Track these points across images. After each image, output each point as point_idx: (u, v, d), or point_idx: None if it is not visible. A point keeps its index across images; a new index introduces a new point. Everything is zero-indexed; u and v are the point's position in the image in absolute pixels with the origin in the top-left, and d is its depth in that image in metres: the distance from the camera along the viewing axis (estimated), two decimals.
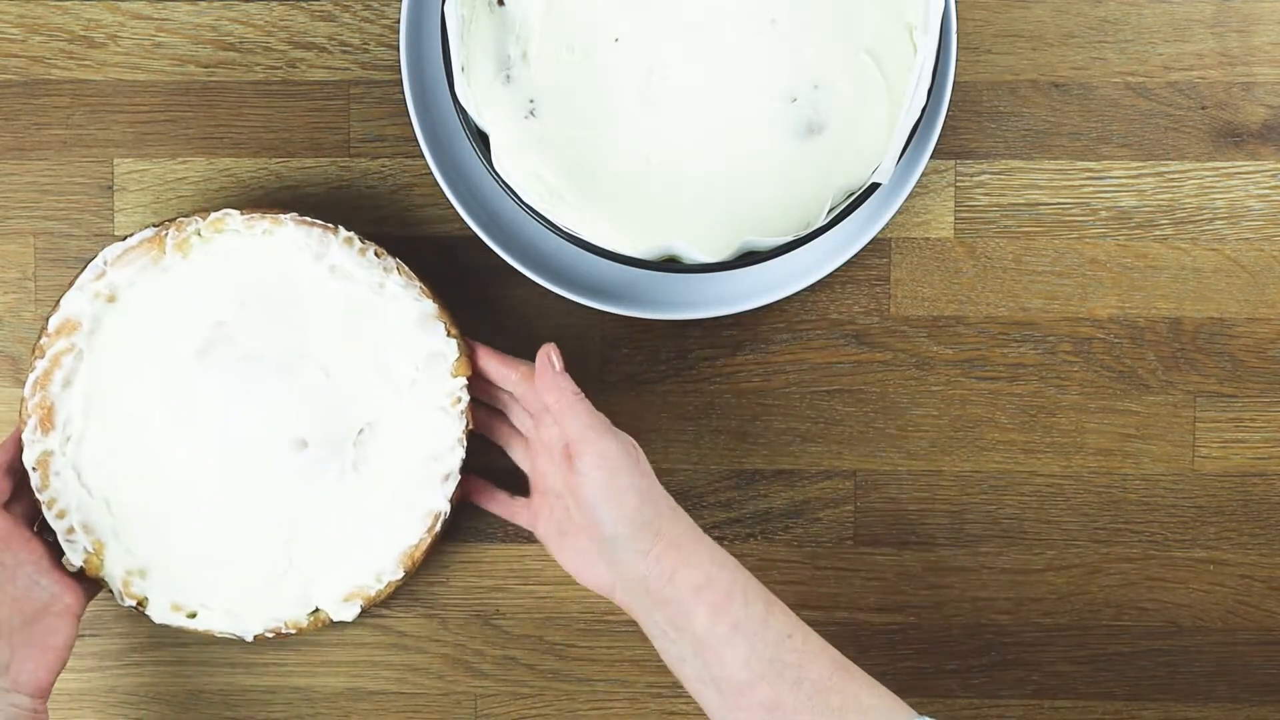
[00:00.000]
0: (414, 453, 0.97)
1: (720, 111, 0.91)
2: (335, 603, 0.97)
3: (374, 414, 0.97)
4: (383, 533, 0.97)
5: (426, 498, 0.97)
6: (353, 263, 0.95)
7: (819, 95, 0.91)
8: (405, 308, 0.96)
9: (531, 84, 0.91)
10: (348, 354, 0.96)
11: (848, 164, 0.91)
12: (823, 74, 0.91)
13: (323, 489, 0.97)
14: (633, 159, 0.91)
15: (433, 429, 0.96)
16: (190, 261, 0.96)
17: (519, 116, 0.91)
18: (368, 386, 0.96)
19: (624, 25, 0.91)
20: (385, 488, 0.97)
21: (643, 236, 0.91)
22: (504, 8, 0.91)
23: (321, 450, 0.97)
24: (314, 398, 0.96)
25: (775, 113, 0.91)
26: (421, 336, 0.96)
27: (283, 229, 0.95)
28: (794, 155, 0.91)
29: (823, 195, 0.91)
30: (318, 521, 0.97)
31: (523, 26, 0.91)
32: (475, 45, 0.91)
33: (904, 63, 0.91)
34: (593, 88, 0.91)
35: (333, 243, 0.95)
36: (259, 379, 0.96)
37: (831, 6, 0.91)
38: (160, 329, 0.96)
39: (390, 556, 0.97)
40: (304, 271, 0.96)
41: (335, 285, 0.96)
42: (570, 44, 0.91)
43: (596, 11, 0.91)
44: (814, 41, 0.91)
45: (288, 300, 0.96)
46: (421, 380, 0.96)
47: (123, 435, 0.96)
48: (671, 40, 0.91)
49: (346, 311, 0.96)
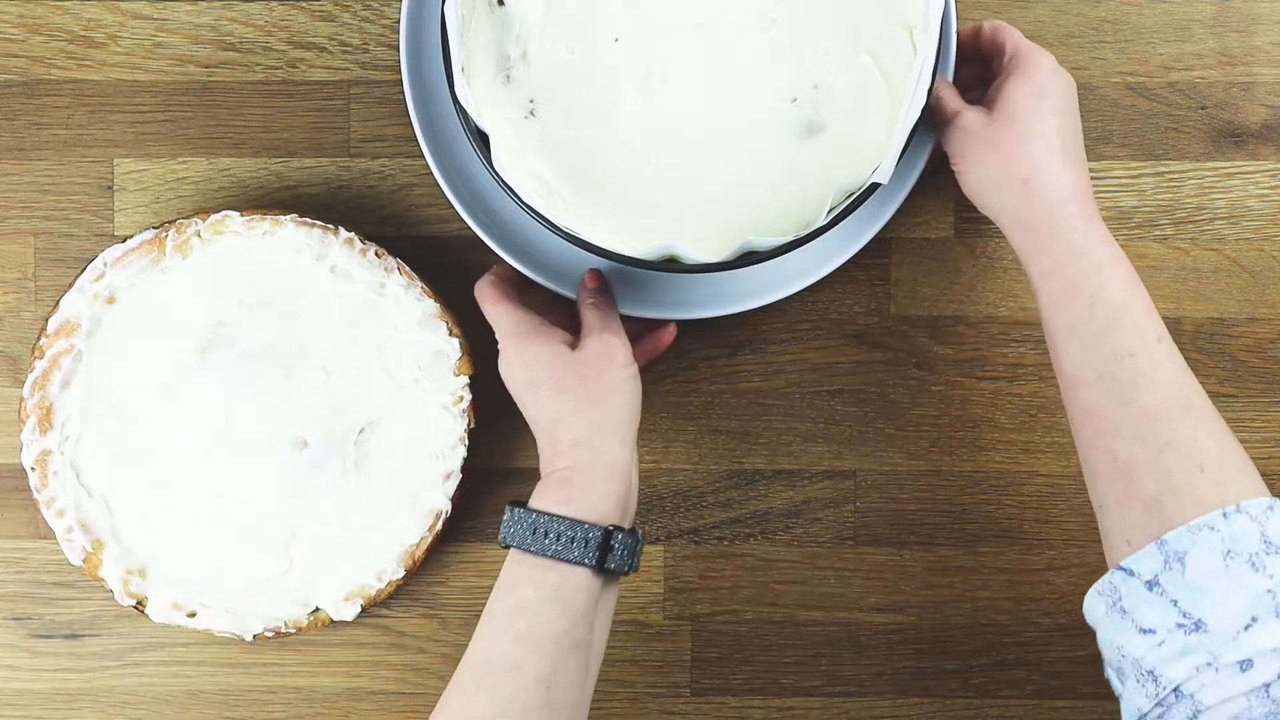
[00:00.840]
0: (416, 451, 0.97)
1: (720, 111, 0.91)
2: (335, 602, 0.97)
3: (375, 413, 0.97)
4: (384, 532, 0.97)
5: (428, 496, 0.97)
6: (354, 263, 0.96)
7: (819, 95, 0.91)
8: (407, 307, 0.96)
9: (531, 84, 0.91)
10: (349, 353, 0.97)
11: (848, 164, 0.91)
12: (823, 74, 0.91)
13: (324, 488, 0.97)
14: (633, 159, 0.91)
15: (435, 428, 0.97)
16: (190, 263, 0.96)
17: (519, 116, 0.91)
18: (369, 386, 0.97)
19: (624, 25, 0.91)
20: (386, 486, 0.97)
21: (643, 236, 0.91)
22: (504, 8, 0.91)
23: (322, 449, 0.97)
24: (315, 397, 0.97)
25: (775, 113, 0.91)
26: (424, 336, 0.96)
27: (283, 230, 0.96)
28: (794, 155, 0.91)
29: (823, 195, 0.91)
30: (318, 520, 0.97)
31: (523, 27, 0.91)
32: (475, 45, 0.91)
33: (904, 63, 0.91)
34: (593, 87, 0.91)
35: (333, 244, 0.96)
36: (259, 378, 0.96)
37: (831, 7, 0.91)
38: (160, 329, 0.96)
39: (391, 555, 0.97)
40: (305, 272, 0.96)
41: (336, 286, 0.96)
42: (570, 44, 0.91)
43: (596, 11, 0.91)
44: (814, 42, 0.91)
45: (288, 300, 0.96)
46: (424, 379, 0.97)
47: (121, 435, 0.97)
48: (671, 40, 0.91)
49: (347, 311, 0.96)
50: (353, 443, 0.97)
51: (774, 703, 1.01)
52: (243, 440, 0.97)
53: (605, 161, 0.91)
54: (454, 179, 0.95)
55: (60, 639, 1.01)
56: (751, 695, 1.01)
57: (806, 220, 0.91)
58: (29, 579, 1.01)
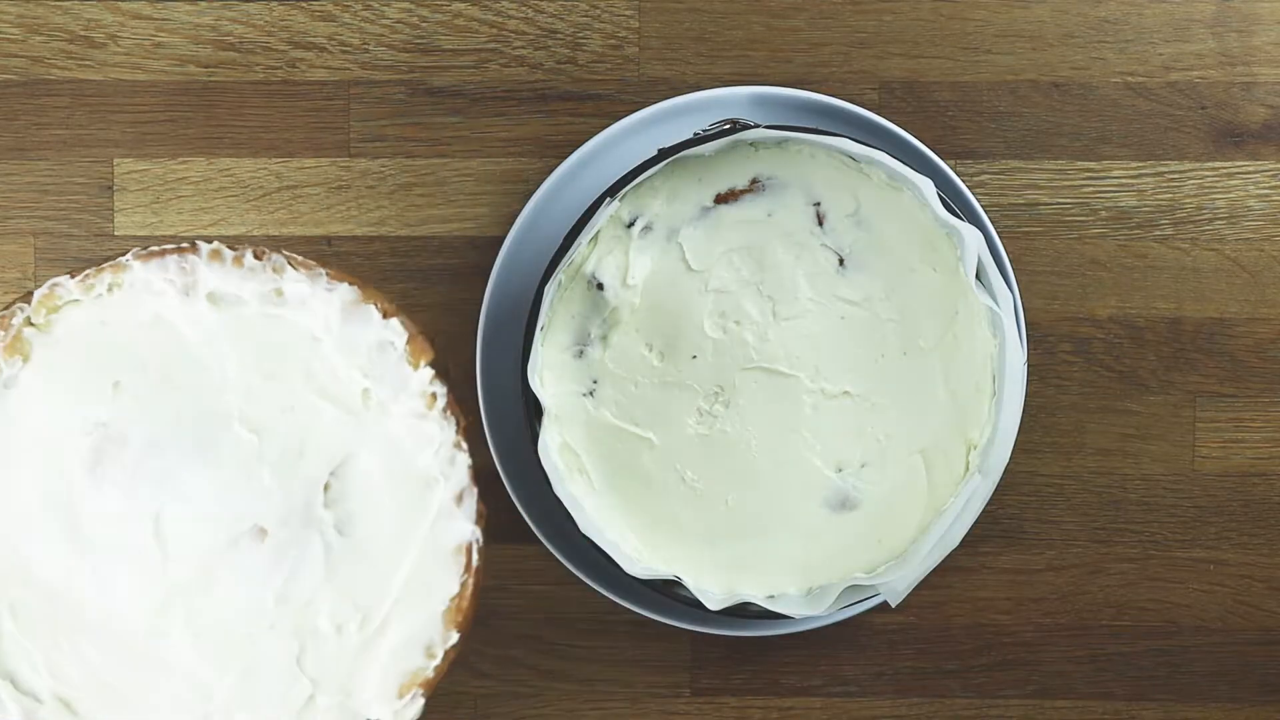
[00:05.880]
0: (406, 483, 0.78)
1: (768, 454, 0.91)
2: (390, 705, 0.79)
3: (335, 456, 0.77)
4: (410, 597, 0.78)
5: (447, 531, 0.78)
6: (232, 279, 0.78)
7: (863, 474, 0.91)
8: (318, 306, 0.77)
9: (601, 367, 0.91)
10: (272, 395, 0.77)
11: (868, 550, 0.91)
12: (875, 457, 0.91)
13: (310, 576, 0.77)
14: (668, 470, 0.91)
15: (416, 444, 0.78)
16: (35, 362, 0.77)
17: (577, 391, 0.91)
18: (313, 425, 0.77)
19: (707, 348, 0.91)
20: (388, 540, 0.78)
21: (650, 551, 0.91)
22: (601, 291, 0.91)
23: (287, 529, 0.77)
24: (252, 468, 0.77)
25: (817, 476, 0.91)
26: (353, 332, 0.78)
27: (129, 274, 0.78)
28: (820, 522, 0.91)
29: (831, 572, 0.91)
30: (323, 616, 0.78)
31: (612, 314, 0.91)
32: (562, 312, 0.90)
33: (953, 477, 0.91)
34: (655, 390, 0.91)
35: (198, 265, 0.78)
36: (175, 473, 0.76)
37: (906, 398, 0.91)
38: (28, 460, 0.76)
39: (433, 622, 0.78)
40: (177, 317, 0.77)
41: (222, 317, 0.78)
42: (651, 343, 0.91)
43: (685, 328, 0.91)
44: (876, 424, 0.91)
45: (172, 361, 0.77)
46: (375, 387, 0.78)
47: (42, 611, 0.76)
48: (747, 377, 0.91)
49: (248, 343, 0.77)
50: (321, 505, 0.77)
51: (774, 703, 1.01)
52: (187, 559, 0.76)
53: (639, 462, 0.91)
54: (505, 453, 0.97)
55: None
56: (751, 695, 1.01)
57: (807, 586, 0.91)
58: None
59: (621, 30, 1.00)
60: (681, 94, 0.97)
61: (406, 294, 1.00)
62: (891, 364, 0.91)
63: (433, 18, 1.00)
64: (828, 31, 1.00)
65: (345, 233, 1.00)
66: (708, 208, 0.91)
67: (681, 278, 0.91)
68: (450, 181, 1.00)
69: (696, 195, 0.91)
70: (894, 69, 1.00)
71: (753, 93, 0.96)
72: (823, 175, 0.91)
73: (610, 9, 1.00)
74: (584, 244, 0.89)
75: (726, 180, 0.91)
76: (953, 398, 0.91)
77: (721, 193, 0.91)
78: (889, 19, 1.00)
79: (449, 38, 1.00)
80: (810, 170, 0.91)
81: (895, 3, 1.00)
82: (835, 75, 1.00)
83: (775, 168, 0.91)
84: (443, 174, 1.00)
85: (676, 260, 0.91)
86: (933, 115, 1.00)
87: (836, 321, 0.91)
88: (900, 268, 0.91)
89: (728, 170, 0.91)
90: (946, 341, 0.91)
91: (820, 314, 0.91)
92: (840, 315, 0.91)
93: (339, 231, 1.00)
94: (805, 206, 0.91)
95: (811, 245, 0.91)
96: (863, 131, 0.95)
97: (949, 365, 0.91)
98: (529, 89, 1.00)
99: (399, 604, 0.78)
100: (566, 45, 1.00)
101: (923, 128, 0.99)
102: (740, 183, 0.91)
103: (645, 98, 0.99)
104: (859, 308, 0.91)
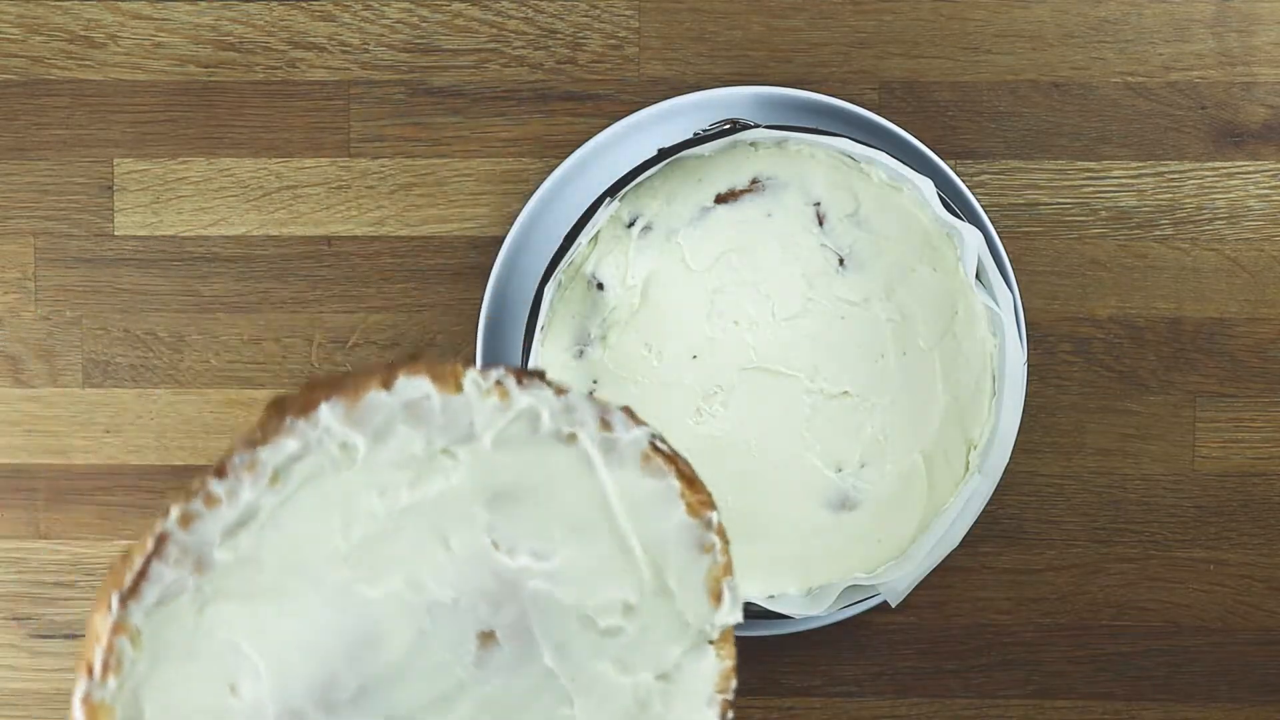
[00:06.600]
0: None
1: (767, 454, 0.91)
2: None
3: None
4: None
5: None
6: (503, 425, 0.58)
7: (863, 474, 0.91)
8: (617, 465, 0.59)
9: (600, 366, 0.91)
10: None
11: (868, 550, 0.91)
12: (875, 455, 0.91)
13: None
14: None
15: None
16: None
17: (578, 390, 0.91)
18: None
19: (706, 348, 0.91)
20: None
21: None
22: (601, 291, 0.91)
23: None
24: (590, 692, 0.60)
25: (817, 476, 0.91)
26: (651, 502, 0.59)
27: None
28: (820, 522, 0.91)
29: (833, 571, 0.90)
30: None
31: (612, 314, 0.91)
32: (562, 312, 0.90)
33: (953, 477, 0.91)
34: (654, 388, 0.91)
35: (472, 413, 0.57)
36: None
37: (906, 397, 0.91)
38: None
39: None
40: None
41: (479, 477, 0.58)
42: (650, 343, 0.91)
43: (687, 328, 0.91)
44: (876, 424, 0.91)
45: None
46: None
47: None
48: (746, 377, 0.91)
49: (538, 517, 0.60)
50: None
51: (774, 703, 1.01)
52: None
53: None
54: None
55: (60, 639, 1.01)
56: (751, 695, 1.01)
57: (807, 586, 0.91)
58: (29, 579, 1.01)
59: (621, 30, 1.00)
60: (681, 94, 0.97)
61: (406, 294, 1.00)
62: (891, 364, 0.91)
63: (433, 18, 1.00)
64: (828, 31, 1.00)
65: (345, 233, 1.00)
66: (707, 207, 0.91)
67: (681, 278, 0.91)
68: (450, 181, 1.00)
69: (696, 195, 0.91)
70: (894, 69, 1.00)
71: (752, 93, 0.96)
72: (822, 175, 0.91)
73: (610, 9, 1.00)
74: (584, 244, 0.90)
75: (726, 180, 0.91)
76: (953, 398, 0.91)
77: (721, 193, 0.91)
78: (889, 19, 1.00)
79: (449, 38, 1.00)
80: (810, 170, 0.91)
81: (895, 3, 1.00)
82: (835, 75, 1.00)
83: (775, 168, 0.91)
84: (443, 174, 1.00)
85: (676, 260, 0.91)
86: (933, 115, 1.00)
87: (836, 321, 0.91)
88: (900, 268, 0.91)
89: (727, 170, 0.91)
90: (946, 342, 0.91)
91: (820, 314, 0.91)
92: (840, 315, 0.91)
93: (339, 231, 1.00)
94: (805, 206, 0.91)
95: (811, 245, 0.91)
96: (863, 131, 0.95)
97: (949, 365, 0.91)
98: (529, 89, 1.00)
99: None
100: (566, 45, 1.00)
101: (923, 128, 1.00)
102: (740, 183, 0.91)
103: (645, 98, 0.99)
104: (859, 308, 0.91)
